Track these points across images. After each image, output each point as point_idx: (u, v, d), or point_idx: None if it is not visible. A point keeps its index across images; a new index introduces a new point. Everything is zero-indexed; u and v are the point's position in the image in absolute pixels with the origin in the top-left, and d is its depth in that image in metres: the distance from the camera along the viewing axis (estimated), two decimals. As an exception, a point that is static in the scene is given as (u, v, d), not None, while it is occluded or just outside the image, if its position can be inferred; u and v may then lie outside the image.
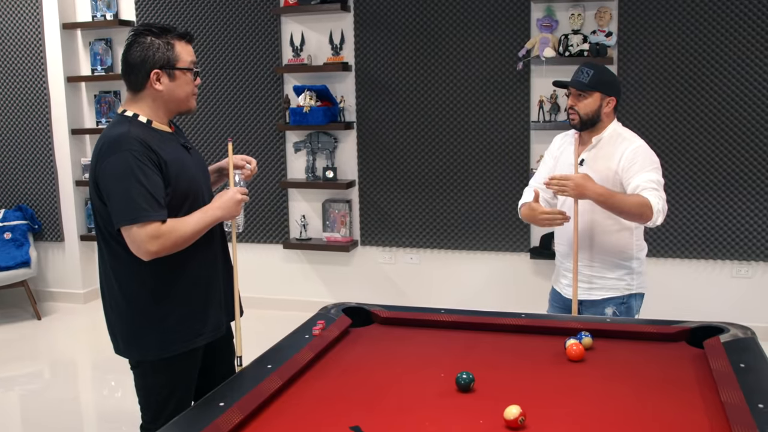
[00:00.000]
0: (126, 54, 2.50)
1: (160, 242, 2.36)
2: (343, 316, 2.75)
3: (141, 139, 2.39)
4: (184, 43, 2.54)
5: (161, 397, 2.54)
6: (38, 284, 6.39)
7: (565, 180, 3.00)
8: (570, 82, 3.20)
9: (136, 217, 2.34)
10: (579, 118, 3.17)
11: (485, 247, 5.51)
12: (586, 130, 3.21)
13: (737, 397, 1.95)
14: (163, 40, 2.49)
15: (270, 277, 6.03)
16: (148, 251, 2.37)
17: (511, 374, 2.30)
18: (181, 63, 2.51)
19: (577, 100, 3.17)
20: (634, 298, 3.26)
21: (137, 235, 2.35)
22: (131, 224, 2.34)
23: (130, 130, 2.41)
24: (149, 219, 2.34)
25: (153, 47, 2.46)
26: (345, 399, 2.13)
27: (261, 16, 5.70)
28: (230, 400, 2.01)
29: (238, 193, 2.59)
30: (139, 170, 2.35)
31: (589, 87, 3.13)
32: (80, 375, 5.18)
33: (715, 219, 5.04)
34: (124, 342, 2.54)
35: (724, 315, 4.87)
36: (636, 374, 2.27)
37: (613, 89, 3.18)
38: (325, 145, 5.71)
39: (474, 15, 5.26)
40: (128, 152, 2.35)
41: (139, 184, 2.34)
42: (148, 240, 2.35)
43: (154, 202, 2.36)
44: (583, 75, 3.16)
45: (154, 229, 2.35)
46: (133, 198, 2.34)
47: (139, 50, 2.47)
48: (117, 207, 2.37)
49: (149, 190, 2.35)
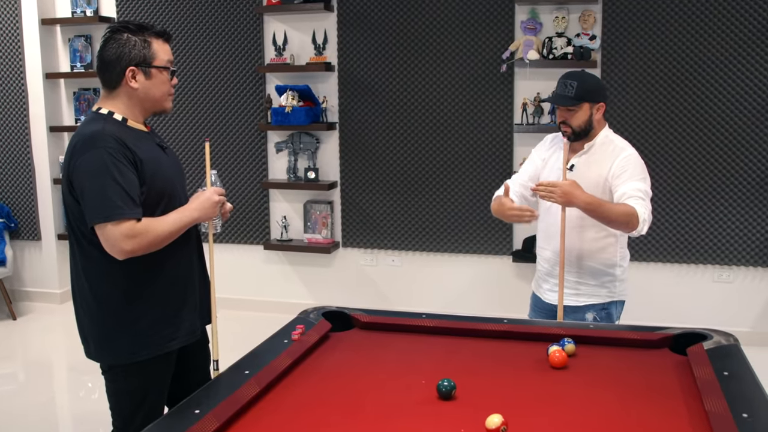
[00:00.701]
0: (102, 50, 2.44)
1: (135, 241, 2.31)
2: (323, 320, 2.70)
3: (116, 137, 2.34)
4: (162, 41, 2.49)
5: (133, 402, 2.49)
6: (14, 284, 6.29)
7: (553, 187, 2.97)
8: (556, 98, 3.15)
9: (110, 214, 2.28)
10: (572, 130, 3.13)
11: (467, 249, 5.48)
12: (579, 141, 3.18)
13: (721, 406, 1.93)
14: (140, 37, 2.44)
15: (250, 278, 5.97)
16: (122, 250, 2.31)
17: (493, 381, 2.26)
18: (157, 61, 2.46)
19: (567, 114, 3.12)
20: (614, 305, 3.25)
21: (111, 234, 2.30)
22: (105, 222, 2.29)
23: (104, 128, 2.36)
24: (124, 217, 2.29)
25: (129, 44, 2.41)
26: (324, 406, 2.09)
27: (243, 14, 5.65)
28: (206, 407, 1.96)
29: (215, 194, 2.54)
30: (114, 167, 2.30)
31: (576, 100, 3.07)
32: (56, 376, 5.10)
33: (697, 223, 5.04)
34: (96, 345, 2.48)
35: (705, 319, 4.90)
36: (619, 381, 2.24)
37: (599, 95, 3.14)
38: (307, 145, 5.67)
39: (458, 16, 5.24)
40: (103, 149, 2.30)
41: (114, 182, 2.29)
42: (122, 238, 2.29)
43: (129, 199, 2.31)
44: (567, 89, 3.09)
45: (128, 228, 2.30)
46: (108, 195, 2.28)
47: (115, 47, 2.41)
48: (91, 204, 2.31)
49: (124, 187, 2.30)
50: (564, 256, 3.11)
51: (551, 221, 3.21)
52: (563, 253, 3.10)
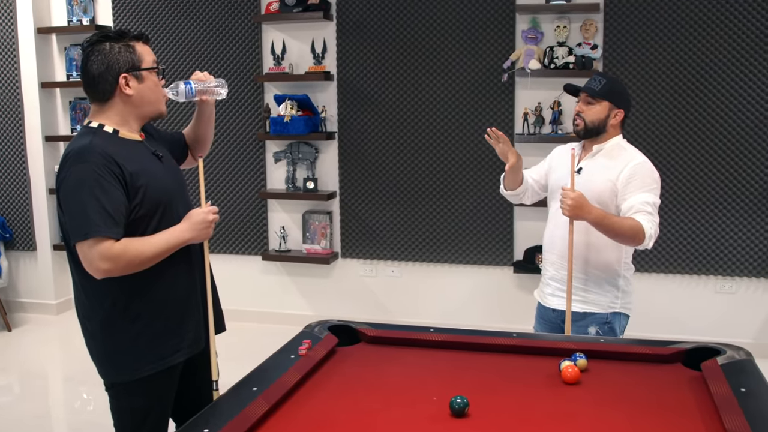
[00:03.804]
0: (86, 65, 2.39)
1: (111, 262, 2.25)
2: (329, 334, 2.65)
3: (103, 152, 2.29)
4: (142, 43, 2.46)
5: (136, 420, 2.44)
6: (9, 294, 6.22)
7: (566, 197, 2.95)
8: (582, 87, 3.19)
9: (87, 232, 2.23)
10: (584, 124, 3.14)
11: (468, 260, 5.44)
12: (589, 139, 3.17)
13: (741, 424, 1.89)
14: (123, 43, 2.40)
15: (248, 289, 5.92)
16: (98, 269, 2.26)
17: (506, 398, 2.22)
18: (145, 63, 2.43)
19: (585, 107, 3.15)
20: (617, 317, 3.20)
21: (88, 253, 2.25)
22: (83, 240, 2.24)
23: (92, 142, 2.31)
24: (100, 235, 2.23)
25: (114, 52, 2.38)
26: (335, 424, 2.04)
27: (242, 23, 5.61)
28: (214, 427, 1.91)
29: (209, 213, 2.48)
30: (98, 184, 2.24)
31: (599, 95, 3.10)
32: (51, 388, 5.03)
33: (700, 234, 5.02)
34: (98, 363, 2.45)
35: (707, 330, 4.89)
36: (633, 398, 2.20)
37: (622, 101, 3.15)
38: (306, 155, 5.62)
39: (459, 25, 5.21)
40: (88, 164, 2.25)
41: (95, 199, 2.23)
42: (98, 258, 2.24)
43: (109, 218, 2.25)
44: (595, 83, 3.14)
45: (105, 248, 2.24)
46: (87, 213, 2.23)
47: (101, 58, 2.37)
48: (71, 222, 2.27)
49: (104, 206, 2.24)
50: (571, 268, 3.07)
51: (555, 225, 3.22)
52: (570, 265, 3.06)
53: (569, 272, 3.06)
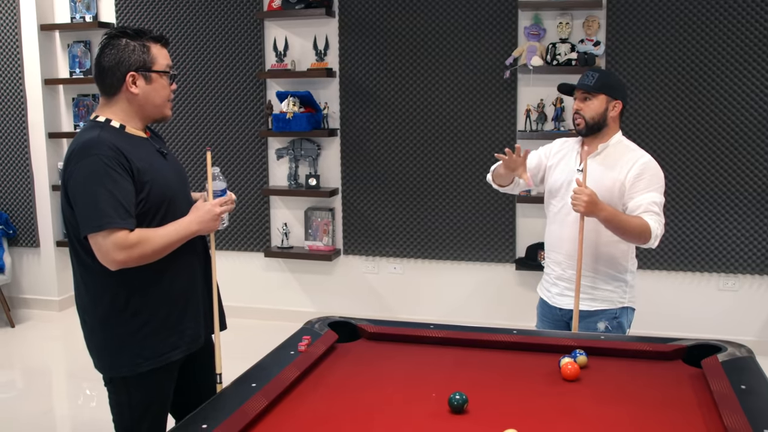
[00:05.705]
0: (100, 57, 2.40)
1: (126, 252, 2.26)
2: (329, 331, 2.65)
3: (112, 144, 2.29)
4: (160, 46, 2.46)
5: (135, 415, 2.44)
6: (12, 291, 6.23)
7: (579, 194, 2.93)
8: (576, 84, 3.18)
9: (101, 224, 2.24)
10: (584, 122, 3.14)
11: (470, 257, 5.44)
12: (591, 136, 3.16)
13: (741, 422, 1.88)
14: (139, 42, 2.41)
15: (250, 285, 5.92)
16: (113, 260, 2.27)
17: (505, 394, 2.22)
18: (157, 66, 2.43)
19: (583, 104, 3.14)
20: (625, 312, 3.21)
21: (103, 244, 2.25)
22: (97, 232, 2.25)
23: (100, 135, 2.32)
24: (115, 227, 2.24)
25: (128, 49, 2.38)
26: (334, 420, 2.04)
27: (244, 20, 5.61)
28: (213, 422, 1.91)
29: (216, 206, 2.50)
30: (108, 176, 2.25)
31: (594, 89, 3.10)
32: (54, 384, 5.04)
33: (702, 231, 5.00)
34: (98, 357, 2.45)
35: (710, 327, 4.87)
36: (633, 395, 2.20)
37: (618, 92, 3.15)
38: (308, 152, 5.62)
39: (461, 22, 5.20)
40: (97, 157, 2.26)
41: (107, 191, 2.24)
42: (113, 249, 2.25)
43: (122, 209, 2.26)
44: (588, 78, 3.13)
45: (120, 238, 2.25)
46: (100, 205, 2.24)
47: (114, 52, 2.38)
48: (83, 214, 2.27)
49: (117, 197, 2.25)
50: (581, 265, 3.06)
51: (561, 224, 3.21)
52: (580, 263, 3.05)
53: (578, 270, 3.05)
